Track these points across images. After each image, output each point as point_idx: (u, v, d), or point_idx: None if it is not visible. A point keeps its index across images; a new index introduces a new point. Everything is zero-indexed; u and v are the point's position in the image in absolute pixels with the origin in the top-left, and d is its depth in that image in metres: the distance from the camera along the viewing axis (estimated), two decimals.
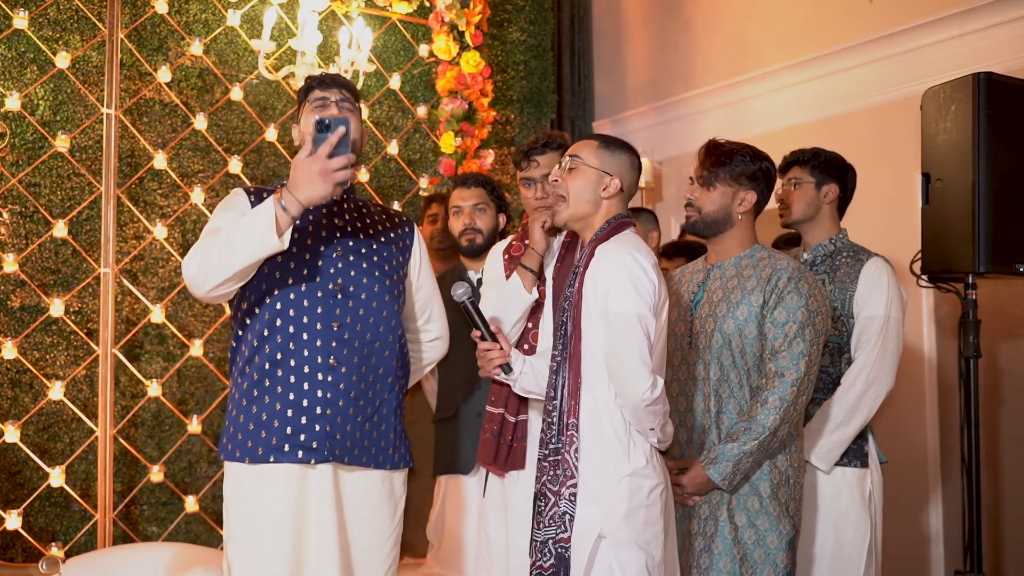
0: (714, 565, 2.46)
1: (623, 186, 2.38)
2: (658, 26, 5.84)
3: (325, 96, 2.48)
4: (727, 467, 2.44)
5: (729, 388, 2.54)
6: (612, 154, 2.39)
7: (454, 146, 4.67)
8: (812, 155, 3.03)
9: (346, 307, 2.36)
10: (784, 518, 2.48)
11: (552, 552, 2.19)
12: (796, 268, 2.54)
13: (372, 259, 2.43)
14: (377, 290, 2.40)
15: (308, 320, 2.33)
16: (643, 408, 2.22)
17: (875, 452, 2.92)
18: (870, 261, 2.91)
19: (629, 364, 2.21)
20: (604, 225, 2.36)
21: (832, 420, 2.82)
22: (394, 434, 2.45)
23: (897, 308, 2.87)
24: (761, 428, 2.43)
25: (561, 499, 2.21)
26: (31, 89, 3.89)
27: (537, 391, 2.50)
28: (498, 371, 2.48)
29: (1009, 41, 3.96)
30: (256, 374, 2.35)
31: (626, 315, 2.21)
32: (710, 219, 2.62)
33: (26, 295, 3.83)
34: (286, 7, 4.34)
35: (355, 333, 2.36)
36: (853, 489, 2.84)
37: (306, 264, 2.35)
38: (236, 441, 2.37)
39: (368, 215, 2.53)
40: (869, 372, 2.82)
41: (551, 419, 2.28)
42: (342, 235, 2.42)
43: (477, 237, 3.19)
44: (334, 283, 2.36)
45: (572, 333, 2.28)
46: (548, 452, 2.27)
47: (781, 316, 2.49)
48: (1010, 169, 2.93)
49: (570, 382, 2.26)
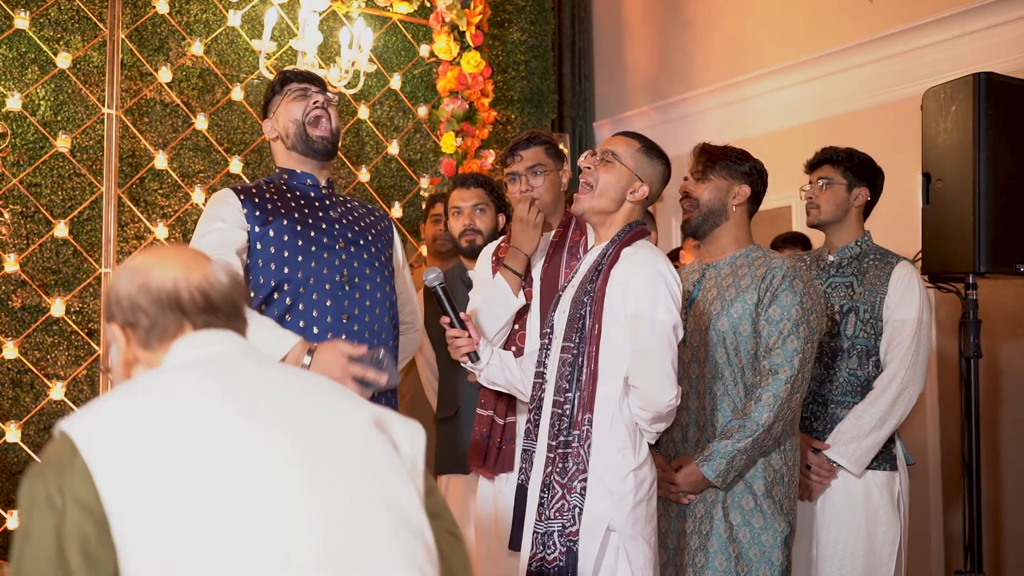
0: (709, 563, 2.47)
1: (650, 195, 2.40)
2: (659, 26, 5.84)
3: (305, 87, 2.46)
4: (721, 464, 2.44)
5: (723, 386, 2.55)
6: (650, 161, 2.41)
7: (455, 146, 4.67)
8: (847, 156, 2.99)
9: (353, 299, 2.35)
10: (779, 516, 2.48)
11: (558, 545, 2.18)
12: (790, 267, 2.55)
13: (370, 250, 2.43)
14: (379, 281, 2.41)
15: (318, 313, 2.31)
16: (664, 414, 2.26)
17: (903, 454, 2.91)
18: (899, 265, 2.90)
19: (662, 372, 2.23)
20: (627, 227, 2.36)
21: (866, 424, 2.80)
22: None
23: (928, 312, 2.86)
24: (755, 425, 2.43)
25: (571, 493, 2.19)
26: (32, 89, 3.89)
27: (503, 384, 2.51)
28: (465, 359, 2.47)
29: (1010, 41, 3.96)
30: None
31: (663, 324, 2.22)
32: (706, 209, 2.63)
33: (27, 295, 3.83)
34: (287, 7, 4.34)
35: (364, 325, 2.35)
36: (883, 491, 2.84)
37: (313, 256, 2.33)
38: None
39: (353, 208, 2.52)
40: (903, 376, 2.81)
41: (562, 411, 2.26)
42: (340, 227, 2.41)
43: (477, 238, 3.19)
44: (340, 275, 2.34)
45: (591, 328, 2.26)
46: (557, 444, 2.25)
47: (775, 314, 2.50)
48: (1011, 169, 2.93)
49: (587, 376, 2.25)
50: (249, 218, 2.34)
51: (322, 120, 2.46)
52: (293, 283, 2.30)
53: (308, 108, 2.45)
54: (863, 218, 3.03)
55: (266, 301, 2.31)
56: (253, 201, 2.37)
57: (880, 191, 3.07)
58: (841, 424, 2.84)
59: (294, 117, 2.45)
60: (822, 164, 3.02)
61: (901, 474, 2.89)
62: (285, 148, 2.50)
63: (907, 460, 2.93)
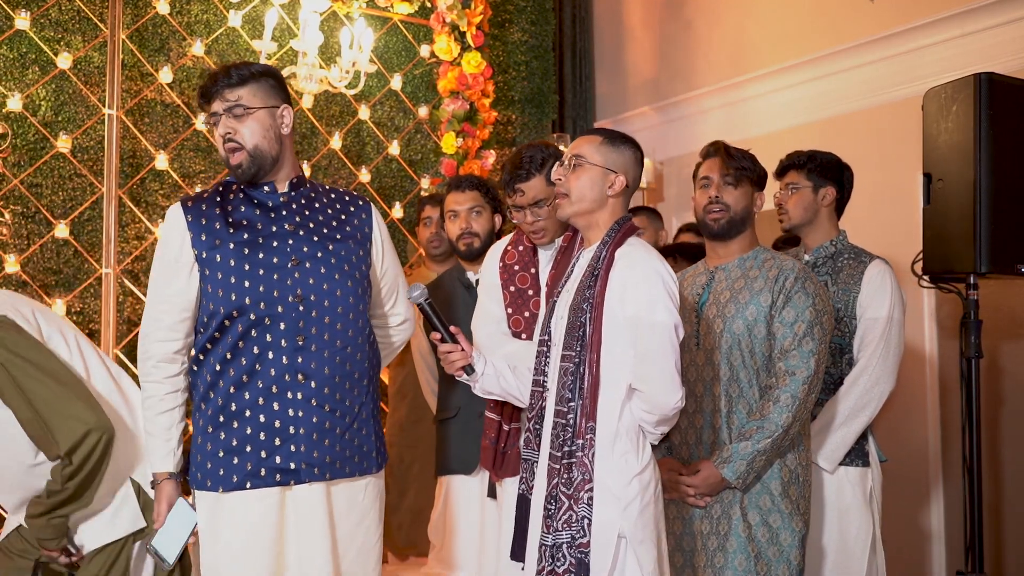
0: (729, 563, 2.47)
1: (628, 182, 2.35)
2: (659, 26, 5.84)
3: (213, 111, 2.29)
4: (741, 466, 2.46)
5: (739, 388, 2.56)
6: (616, 150, 2.35)
7: (455, 147, 4.67)
8: (808, 158, 3.05)
9: (310, 317, 2.25)
10: (796, 515, 2.50)
11: (568, 556, 2.15)
12: (802, 268, 2.58)
13: (330, 261, 2.31)
14: (340, 294, 2.30)
15: (272, 337, 2.23)
16: (670, 416, 2.23)
17: (875, 451, 2.95)
18: (872, 264, 2.94)
19: (666, 374, 2.19)
20: (615, 227, 2.32)
21: (837, 419, 2.85)
22: (374, 436, 2.38)
23: (899, 310, 2.91)
24: (774, 426, 2.46)
25: (578, 503, 2.16)
26: (33, 90, 3.89)
27: (499, 392, 2.47)
28: (460, 372, 2.42)
29: (1010, 41, 3.96)
30: (221, 399, 2.25)
31: (664, 325, 2.19)
32: (738, 217, 2.64)
33: (28, 295, 3.82)
34: (287, 8, 4.35)
35: (323, 343, 2.26)
36: (856, 487, 2.87)
37: (261, 280, 2.24)
38: (205, 470, 2.27)
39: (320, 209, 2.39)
40: (872, 372, 2.85)
41: (565, 420, 2.22)
42: (295, 241, 2.30)
43: (474, 241, 3.18)
44: (294, 295, 2.25)
45: (592, 336, 2.23)
46: (561, 455, 2.20)
47: (790, 316, 2.52)
48: (1011, 169, 2.93)
49: (589, 384, 2.21)
50: (196, 244, 2.26)
51: (232, 154, 2.29)
52: (244, 310, 2.22)
53: (221, 144, 2.30)
54: (836, 217, 3.07)
55: (219, 330, 2.24)
56: (200, 223, 2.27)
57: (850, 188, 3.10)
58: (813, 422, 2.86)
59: (219, 147, 2.34)
60: (787, 170, 3.08)
61: (874, 471, 2.92)
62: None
63: (880, 457, 2.97)
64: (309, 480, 2.24)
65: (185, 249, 2.27)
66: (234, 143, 2.28)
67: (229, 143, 2.28)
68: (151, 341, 2.31)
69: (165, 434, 2.33)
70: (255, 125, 2.28)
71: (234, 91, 2.27)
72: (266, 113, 2.29)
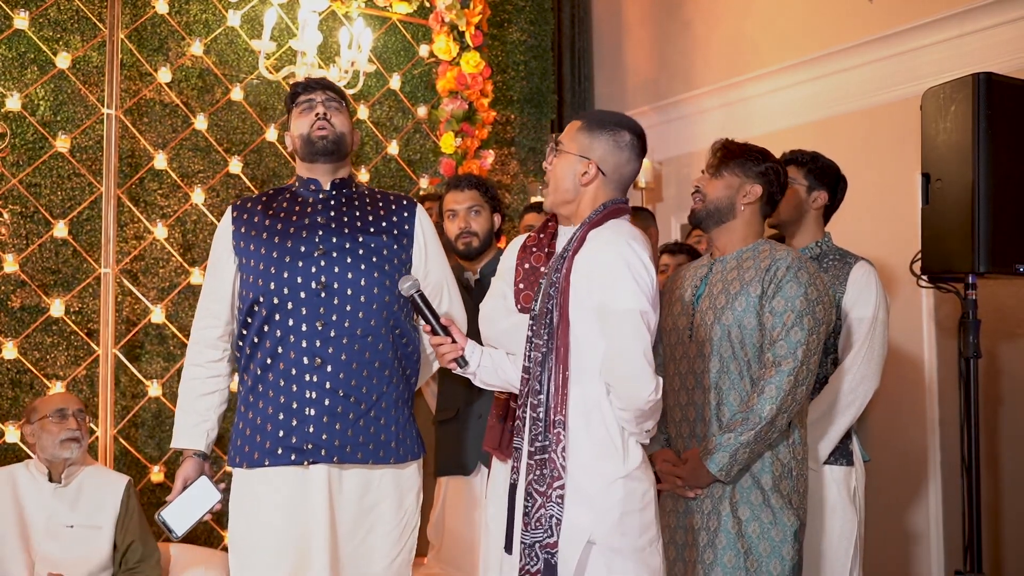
0: (718, 559, 2.44)
1: (604, 170, 2.24)
2: (658, 26, 5.84)
3: (311, 98, 2.51)
4: (724, 458, 2.41)
5: (730, 380, 2.52)
6: (591, 136, 2.25)
7: (454, 146, 4.68)
8: (811, 159, 3.03)
9: (331, 305, 2.36)
10: (787, 510, 2.45)
11: (540, 556, 2.06)
12: (796, 258, 2.53)
13: (358, 252, 2.42)
14: (364, 284, 2.39)
15: (293, 322, 2.36)
16: (646, 410, 2.11)
17: (859, 450, 2.95)
18: (857, 264, 2.94)
19: (635, 365, 2.07)
20: (599, 208, 2.22)
21: (821, 418, 2.84)
22: (396, 427, 2.42)
23: (884, 310, 2.91)
24: (758, 418, 2.40)
25: (548, 501, 2.06)
26: (31, 89, 3.89)
27: (498, 384, 2.38)
28: (453, 365, 2.35)
29: (1009, 41, 3.96)
30: (251, 380, 2.40)
31: (629, 312, 2.07)
32: (712, 207, 2.61)
33: (26, 295, 3.83)
34: (286, 7, 4.34)
35: (343, 330, 2.36)
36: (840, 486, 2.87)
37: (286, 267, 2.38)
38: (236, 447, 2.41)
39: (362, 207, 2.53)
40: (857, 371, 2.85)
41: (536, 415, 2.11)
42: (325, 232, 2.43)
43: (473, 240, 3.18)
44: (317, 282, 2.37)
45: (559, 323, 2.11)
46: (534, 450, 2.11)
47: (779, 305, 2.47)
48: (1010, 169, 2.93)
49: (557, 376, 2.10)
50: (235, 236, 2.49)
51: (324, 128, 2.51)
52: (268, 295, 2.37)
53: (312, 122, 2.51)
54: (823, 221, 3.06)
55: (249, 314, 2.40)
56: (243, 218, 2.51)
57: (841, 198, 3.09)
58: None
59: (301, 131, 2.52)
60: (787, 165, 3.05)
61: (857, 470, 2.92)
62: (298, 159, 2.59)
63: (863, 456, 2.96)
64: (317, 461, 2.32)
65: (228, 242, 2.50)
66: (328, 124, 2.51)
67: (321, 120, 2.50)
68: (197, 328, 2.54)
69: (200, 416, 2.47)
70: (344, 119, 2.56)
71: (325, 91, 2.57)
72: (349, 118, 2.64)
